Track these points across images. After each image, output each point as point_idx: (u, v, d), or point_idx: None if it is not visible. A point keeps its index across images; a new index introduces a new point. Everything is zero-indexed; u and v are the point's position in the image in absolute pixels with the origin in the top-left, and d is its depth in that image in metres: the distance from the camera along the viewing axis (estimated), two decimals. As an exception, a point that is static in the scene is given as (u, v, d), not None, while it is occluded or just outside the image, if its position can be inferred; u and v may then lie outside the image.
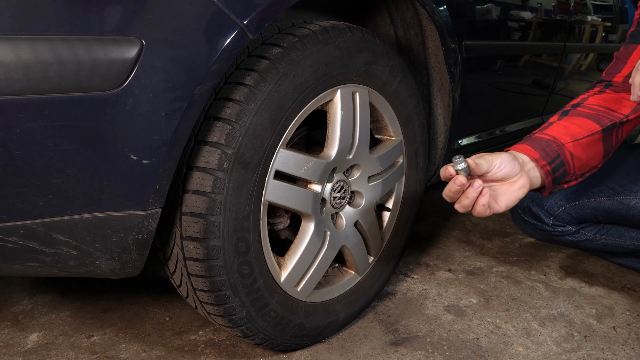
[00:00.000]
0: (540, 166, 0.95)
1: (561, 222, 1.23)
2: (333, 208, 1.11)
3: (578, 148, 1.01)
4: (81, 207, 0.77)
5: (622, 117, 1.06)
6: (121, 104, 0.72)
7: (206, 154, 0.87)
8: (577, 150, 1.01)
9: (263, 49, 0.92)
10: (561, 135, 1.01)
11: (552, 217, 1.23)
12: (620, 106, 1.07)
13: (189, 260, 0.92)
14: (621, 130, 1.06)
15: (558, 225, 1.23)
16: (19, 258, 0.80)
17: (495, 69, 1.56)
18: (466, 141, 1.52)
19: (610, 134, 1.04)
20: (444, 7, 1.23)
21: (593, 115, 1.06)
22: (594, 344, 1.19)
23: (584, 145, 1.02)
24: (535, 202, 1.23)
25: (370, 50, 1.08)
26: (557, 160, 0.98)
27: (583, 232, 1.25)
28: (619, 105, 1.08)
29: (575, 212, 1.21)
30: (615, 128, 1.04)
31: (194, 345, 1.15)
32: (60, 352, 1.13)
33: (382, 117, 1.18)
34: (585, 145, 1.02)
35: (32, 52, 0.66)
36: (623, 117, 1.06)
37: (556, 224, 1.23)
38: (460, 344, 1.18)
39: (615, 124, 1.05)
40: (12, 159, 0.70)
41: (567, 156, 0.99)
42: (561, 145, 1.00)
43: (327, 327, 1.16)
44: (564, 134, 1.01)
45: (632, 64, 1.08)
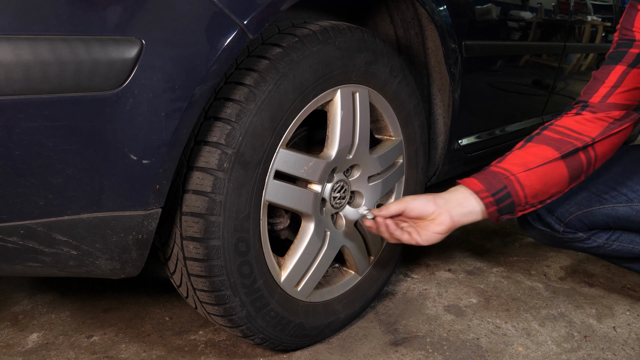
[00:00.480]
0: (480, 198, 1.02)
1: (572, 229, 1.21)
2: (333, 208, 1.11)
3: (531, 177, 1.04)
4: (81, 207, 0.77)
5: (587, 140, 1.07)
6: (121, 104, 0.72)
7: (206, 154, 0.87)
8: (530, 180, 1.04)
9: (263, 49, 0.92)
10: (513, 167, 1.05)
11: (562, 224, 1.21)
12: (589, 128, 1.08)
13: (189, 260, 0.92)
14: (590, 152, 1.08)
15: (569, 232, 1.21)
16: (19, 258, 0.80)
17: (495, 69, 1.56)
18: (466, 141, 1.52)
19: (575, 159, 1.06)
20: (444, 7, 1.23)
21: (555, 141, 1.08)
22: (594, 344, 1.19)
23: (538, 173, 1.05)
24: (545, 209, 1.21)
25: (370, 50, 1.08)
26: (502, 192, 1.03)
27: (594, 238, 1.23)
28: (588, 127, 1.08)
29: (587, 219, 1.19)
30: (578, 152, 1.06)
31: (194, 345, 1.15)
32: (60, 352, 1.13)
33: (382, 117, 1.18)
34: (540, 174, 1.05)
35: (32, 52, 0.66)
36: (589, 140, 1.07)
37: (567, 230, 1.21)
38: (460, 344, 1.18)
39: (578, 148, 1.06)
40: (12, 159, 0.70)
41: (515, 187, 1.03)
42: (511, 176, 1.04)
43: (327, 327, 1.16)
44: (516, 165, 1.05)
45: (608, 86, 1.09)
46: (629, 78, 1.08)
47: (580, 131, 1.08)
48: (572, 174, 1.07)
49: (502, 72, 1.60)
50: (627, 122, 1.09)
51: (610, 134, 1.08)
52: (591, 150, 1.08)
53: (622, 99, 1.09)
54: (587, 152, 1.07)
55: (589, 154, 1.07)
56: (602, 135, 1.08)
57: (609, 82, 1.10)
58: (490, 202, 1.02)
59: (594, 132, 1.08)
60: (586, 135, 1.08)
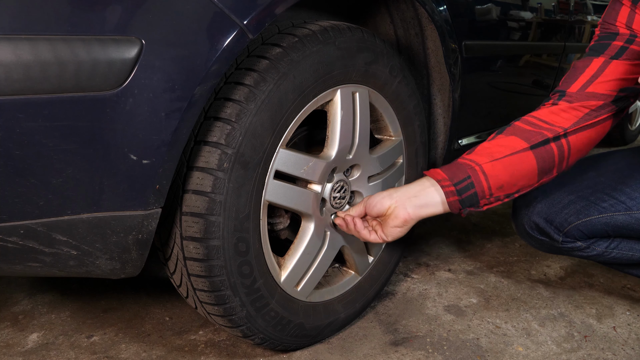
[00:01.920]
0: (441, 186, 1.01)
1: (571, 239, 1.20)
2: (333, 208, 1.11)
3: (497, 167, 1.02)
4: (81, 207, 0.77)
5: (559, 131, 1.05)
6: (121, 104, 0.72)
7: (206, 154, 0.87)
8: (496, 170, 1.02)
9: (263, 49, 0.92)
10: (479, 157, 1.03)
11: (561, 234, 1.19)
12: (562, 119, 1.06)
13: (189, 260, 0.92)
14: (563, 144, 1.05)
15: (568, 241, 1.20)
16: (19, 258, 0.80)
17: (495, 69, 1.56)
18: (466, 141, 1.52)
19: (545, 150, 1.04)
20: (444, 7, 1.23)
21: (525, 132, 1.05)
22: (594, 344, 1.19)
23: (505, 164, 1.02)
24: (543, 218, 1.19)
25: (370, 50, 1.08)
26: (465, 181, 1.01)
27: (593, 247, 1.22)
28: (561, 117, 1.06)
29: (586, 228, 1.18)
30: (549, 143, 1.04)
31: (194, 345, 1.15)
32: (60, 352, 1.13)
33: (382, 117, 1.18)
34: (507, 164, 1.02)
35: (32, 52, 0.66)
36: (561, 131, 1.05)
37: (566, 240, 1.20)
38: (460, 344, 1.18)
39: (549, 139, 1.04)
40: (12, 159, 0.70)
41: (479, 177, 1.01)
42: (476, 166, 1.02)
43: (327, 327, 1.16)
44: (482, 155, 1.04)
45: (589, 75, 1.08)
46: (610, 69, 1.07)
47: (552, 122, 1.06)
48: (541, 166, 1.04)
49: (502, 72, 1.60)
50: (604, 114, 1.06)
51: (584, 125, 1.06)
52: (564, 141, 1.05)
53: (601, 89, 1.06)
54: (560, 143, 1.04)
55: (562, 145, 1.05)
56: (576, 126, 1.05)
57: (589, 71, 1.08)
58: (451, 192, 1.00)
59: (566, 123, 1.06)
60: (558, 126, 1.05)
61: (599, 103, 1.06)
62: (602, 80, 1.07)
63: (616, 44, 1.07)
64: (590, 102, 1.06)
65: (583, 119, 1.06)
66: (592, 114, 1.06)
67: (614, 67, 1.07)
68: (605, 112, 1.07)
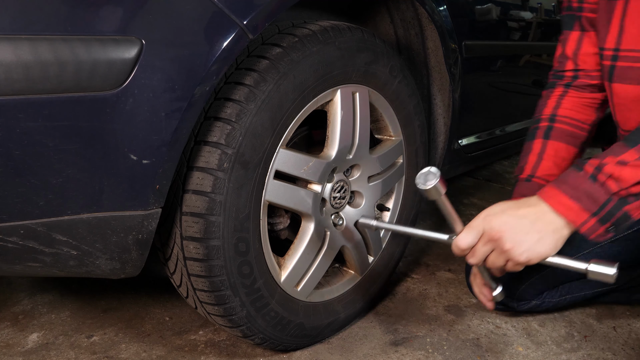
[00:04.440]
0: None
1: (525, 301, 1.25)
2: (333, 208, 1.11)
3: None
4: (81, 207, 0.77)
5: (589, 129, 1.13)
6: (121, 104, 0.72)
7: (206, 154, 0.87)
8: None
9: (263, 49, 0.92)
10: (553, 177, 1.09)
11: (515, 300, 1.25)
12: (586, 116, 1.13)
13: (189, 260, 0.92)
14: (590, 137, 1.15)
15: (523, 304, 1.26)
16: (19, 258, 0.80)
17: (495, 69, 1.56)
18: (466, 141, 1.52)
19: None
20: (444, 7, 1.23)
21: (571, 135, 1.12)
22: (594, 344, 1.19)
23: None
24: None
25: (370, 50, 1.08)
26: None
27: (548, 300, 1.27)
28: (584, 113, 1.13)
29: (532, 288, 1.23)
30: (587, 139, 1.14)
31: (194, 345, 1.15)
32: (60, 352, 1.13)
33: (382, 117, 1.18)
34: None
35: (32, 52, 0.66)
36: (589, 128, 1.13)
37: (521, 303, 1.26)
38: (460, 344, 1.18)
39: (586, 139, 1.13)
40: (12, 159, 0.70)
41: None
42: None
43: (327, 327, 1.16)
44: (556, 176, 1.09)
45: (572, 47, 1.13)
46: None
47: (581, 119, 1.13)
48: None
49: (502, 72, 1.60)
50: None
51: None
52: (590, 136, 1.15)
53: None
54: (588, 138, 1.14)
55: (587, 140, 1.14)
56: (598, 118, 1.15)
57: (570, 44, 1.14)
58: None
59: (591, 117, 1.14)
60: (587, 124, 1.13)
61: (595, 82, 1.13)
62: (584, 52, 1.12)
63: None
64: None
65: (600, 111, 1.15)
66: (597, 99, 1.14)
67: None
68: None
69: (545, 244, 0.85)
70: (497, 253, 0.87)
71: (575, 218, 0.83)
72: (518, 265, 0.87)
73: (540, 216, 0.85)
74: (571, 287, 1.27)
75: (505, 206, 0.88)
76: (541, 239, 0.84)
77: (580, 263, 0.85)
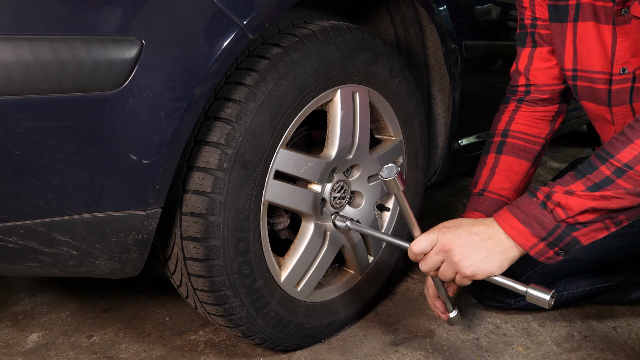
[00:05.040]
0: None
1: (521, 297, 1.26)
2: (333, 208, 1.11)
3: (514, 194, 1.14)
4: (81, 207, 0.77)
5: (542, 142, 1.17)
6: (121, 104, 0.72)
7: (206, 154, 0.87)
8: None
9: (263, 49, 0.92)
10: (508, 192, 1.13)
11: (511, 297, 1.27)
12: (539, 130, 1.18)
13: (189, 260, 0.92)
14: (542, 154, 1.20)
15: (520, 300, 1.27)
16: (19, 258, 0.80)
17: (496, 69, 1.56)
18: (466, 141, 1.52)
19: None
20: (444, 7, 1.23)
21: (523, 150, 1.16)
22: (594, 344, 1.19)
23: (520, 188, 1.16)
24: (489, 291, 1.28)
25: (370, 50, 1.08)
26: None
27: None
28: (537, 127, 1.18)
29: (531, 281, 1.24)
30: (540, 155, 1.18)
31: (194, 345, 1.15)
32: (60, 352, 1.13)
33: (382, 117, 1.18)
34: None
35: (32, 52, 0.66)
36: (543, 142, 1.18)
37: (518, 300, 1.27)
38: (460, 344, 1.18)
39: (540, 152, 1.17)
40: (12, 159, 0.70)
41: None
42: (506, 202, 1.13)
43: (327, 327, 1.16)
44: (510, 190, 1.14)
45: (524, 63, 1.17)
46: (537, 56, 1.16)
47: (534, 134, 1.18)
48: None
49: (502, 72, 1.59)
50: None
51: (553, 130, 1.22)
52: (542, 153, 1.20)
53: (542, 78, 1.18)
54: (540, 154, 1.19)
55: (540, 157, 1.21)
56: (550, 133, 1.19)
57: (522, 60, 1.18)
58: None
59: (544, 132, 1.18)
60: (540, 137, 1.18)
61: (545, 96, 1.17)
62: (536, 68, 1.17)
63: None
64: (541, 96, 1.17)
65: (553, 127, 1.20)
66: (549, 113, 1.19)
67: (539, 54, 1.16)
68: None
69: (491, 262, 0.89)
70: (447, 264, 0.91)
71: (524, 241, 0.88)
72: (465, 279, 0.91)
73: (492, 236, 0.89)
74: (568, 283, 1.28)
75: (462, 221, 0.93)
76: (488, 257, 0.89)
77: (520, 286, 0.90)
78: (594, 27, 1.01)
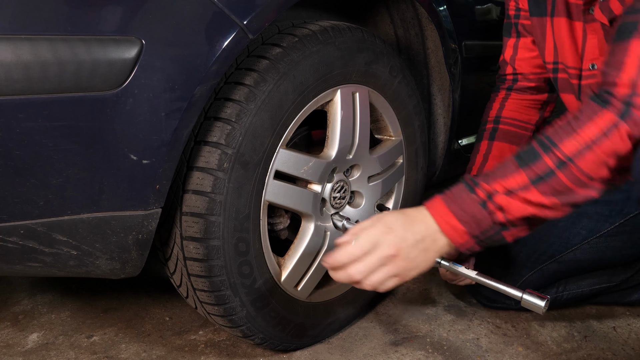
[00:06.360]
0: None
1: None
2: (333, 208, 1.11)
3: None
4: (81, 207, 0.77)
5: (533, 128, 1.20)
6: (121, 104, 0.72)
7: (206, 154, 0.87)
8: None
9: (263, 49, 0.92)
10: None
11: (511, 298, 1.26)
12: (529, 117, 1.20)
13: (189, 260, 0.92)
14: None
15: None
16: (19, 258, 0.80)
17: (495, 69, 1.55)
18: (466, 141, 1.52)
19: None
20: (444, 7, 1.23)
21: (515, 135, 1.18)
22: (594, 344, 1.19)
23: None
24: (491, 293, 1.26)
25: (370, 50, 1.08)
26: None
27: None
28: (527, 114, 1.20)
29: (529, 285, 1.24)
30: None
31: (194, 345, 1.15)
32: (60, 352, 1.13)
33: (382, 117, 1.18)
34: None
35: (32, 52, 0.66)
36: (534, 128, 1.20)
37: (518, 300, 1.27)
38: (461, 344, 1.18)
39: (531, 137, 1.19)
40: (12, 159, 0.70)
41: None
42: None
43: (327, 327, 1.16)
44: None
45: (509, 53, 1.20)
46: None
47: (525, 120, 1.20)
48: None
49: (502, 72, 1.59)
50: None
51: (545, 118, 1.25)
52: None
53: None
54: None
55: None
56: (541, 119, 1.22)
57: (508, 50, 1.23)
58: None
59: (534, 118, 1.21)
60: (530, 124, 1.20)
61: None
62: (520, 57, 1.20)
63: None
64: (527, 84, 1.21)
65: (542, 113, 1.22)
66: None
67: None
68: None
69: (425, 263, 0.85)
70: (387, 270, 0.83)
71: (458, 239, 0.84)
72: (393, 285, 0.85)
73: (429, 234, 0.84)
74: (568, 283, 1.28)
75: (401, 219, 0.85)
76: (425, 260, 0.85)
77: (516, 291, 0.90)
78: (567, 22, 1.04)
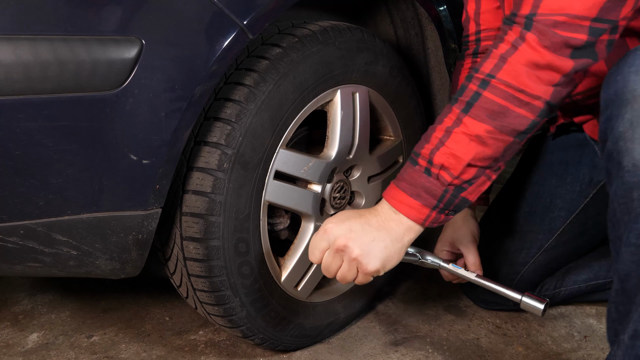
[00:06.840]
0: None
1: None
2: (333, 208, 1.11)
3: None
4: (81, 207, 0.77)
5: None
6: (121, 104, 0.72)
7: (206, 154, 0.87)
8: None
9: (263, 49, 0.92)
10: None
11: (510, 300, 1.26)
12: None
13: (189, 260, 0.92)
14: None
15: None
16: (19, 258, 0.80)
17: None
18: (466, 141, 1.52)
19: None
20: (443, 7, 1.23)
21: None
22: (594, 344, 1.19)
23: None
24: (489, 295, 1.24)
25: (370, 50, 1.08)
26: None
27: (542, 294, 1.28)
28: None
29: (526, 279, 1.24)
30: None
31: (194, 345, 1.15)
32: (60, 352, 1.13)
33: (382, 117, 1.18)
34: None
35: (32, 52, 0.66)
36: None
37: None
38: (461, 344, 1.18)
39: None
40: (12, 159, 0.70)
41: None
42: None
43: (327, 327, 1.16)
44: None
45: (472, 7, 1.14)
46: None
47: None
48: None
49: (502, 72, 1.59)
50: None
51: None
52: None
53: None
54: None
55: None
56: None
57: (470, 8, 1.15)
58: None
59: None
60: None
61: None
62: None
63: None
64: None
65: None
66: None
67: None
68: None
69: (391, 251, 0.84)
70: (347, 263, 0.85)
71: (417, 215, 0.83)
72: (367, 276, 0.86)
73: (385, 221, 0.84)
74: (564, 279, 1.28)
75: (348, 213, 0.87)
76: (387, 247, 0.83)
77: (516, 294, 0.92)
78: None
